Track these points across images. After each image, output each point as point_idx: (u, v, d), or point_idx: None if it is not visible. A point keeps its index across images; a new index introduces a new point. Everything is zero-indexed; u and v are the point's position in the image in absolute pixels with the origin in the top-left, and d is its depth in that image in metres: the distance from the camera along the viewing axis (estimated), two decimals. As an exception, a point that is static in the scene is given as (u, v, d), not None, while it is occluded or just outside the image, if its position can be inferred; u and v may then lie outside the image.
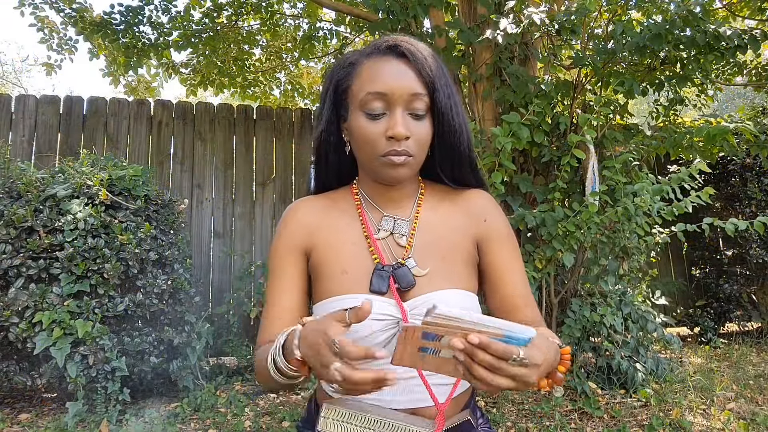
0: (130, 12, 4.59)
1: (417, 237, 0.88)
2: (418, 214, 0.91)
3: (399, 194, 0.91)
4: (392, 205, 0.91)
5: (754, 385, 2.88)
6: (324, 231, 0.89)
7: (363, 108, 0.84)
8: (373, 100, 0.83)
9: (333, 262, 0.86)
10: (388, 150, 0.82)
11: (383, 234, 0.88)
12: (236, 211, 3.96)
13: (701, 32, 2.65)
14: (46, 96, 3.73)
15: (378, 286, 0.82)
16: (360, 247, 0.87)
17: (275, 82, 6.11)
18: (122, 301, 2.47)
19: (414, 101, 0.83)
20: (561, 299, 3.17)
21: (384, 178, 0.86)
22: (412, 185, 0.93)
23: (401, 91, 0.82)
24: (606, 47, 3.00)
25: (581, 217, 2.75)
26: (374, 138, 0.83)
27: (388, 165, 0.83)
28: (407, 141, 0.82)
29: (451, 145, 0.89)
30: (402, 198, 0.92)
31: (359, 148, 0.87)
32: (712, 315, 4.18)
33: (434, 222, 0.90)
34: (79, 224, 2.43)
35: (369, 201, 0.92)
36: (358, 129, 0.85)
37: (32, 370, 2.43)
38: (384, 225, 0.89)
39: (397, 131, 0.81)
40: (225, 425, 2.37)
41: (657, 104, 3.69)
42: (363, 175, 0.94)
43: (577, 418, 2.42)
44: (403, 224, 0.89)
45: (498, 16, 2.83)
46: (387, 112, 0.83)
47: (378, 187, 0.91)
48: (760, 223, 2.70)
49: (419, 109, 0.84)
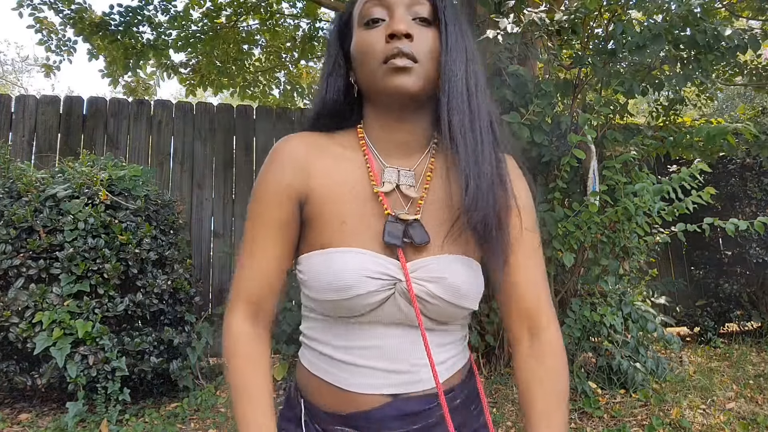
0: (130, 12, 4.59)
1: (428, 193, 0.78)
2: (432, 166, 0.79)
3: (409, 138, 0.79)
4: (399, 155, 0.79)
5: (754, 385, 2.88)
6: (322, 173, 0.77)
7: (362, 21, 0.76)
8: (371, 7, 0.76)
9: (331, 211, 0.75)
10: (389, 53, 0.72)
11: (388, 187, 0.76)
12: (236, 211, 3.95)
13: (701, 32, 2.65)
14: (46, 96, 3.73)
15: (392, 238, 0.72)
16: (364, 195, 0.76)
17: (275, 82, 6.11)
18: (122, 301, 2.47)
19: (416, 4, 0.75)
20: (561, 299, 3.17)
21: (387, 90, 0.73)
22: (423, 130, 0.79)
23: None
24: (606, 47, 3.00)
25: (581, 217, 2.76)
26: (373, 43, 0.74)
27: (391, 72, 0.72)
28: (411, 43, 0.72)
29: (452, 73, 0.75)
30: (411, 144, 0.79)
31: (361, 66, 0.76)
32: (712, 315, 4.18)
33: (446, 178, 0.78)
34: (79, 224, 2.43)
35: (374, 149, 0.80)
36: (357, 43, 0.76)
37: (32, 370, 2.43)
38: (387, 177, 0.77)
39: (396, 27, 0.72)
40: (225, 425, 2.37)
41: (657, 104, 3.70)
42: (369, 114, 0.81)
43: (577, 417, 2.42)
44: (408, 174, 0.77)
45: (498, 16, 2.83)
46: (387, 18, 0.75)
47: (385, 128, 0.79)
48: (760, 223, 2.71)
49: (422, 13, 0.75)
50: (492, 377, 2.98)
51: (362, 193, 0.76)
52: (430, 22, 0.75)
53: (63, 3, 4.58)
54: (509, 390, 2.77)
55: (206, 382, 2.92)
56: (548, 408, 0.73)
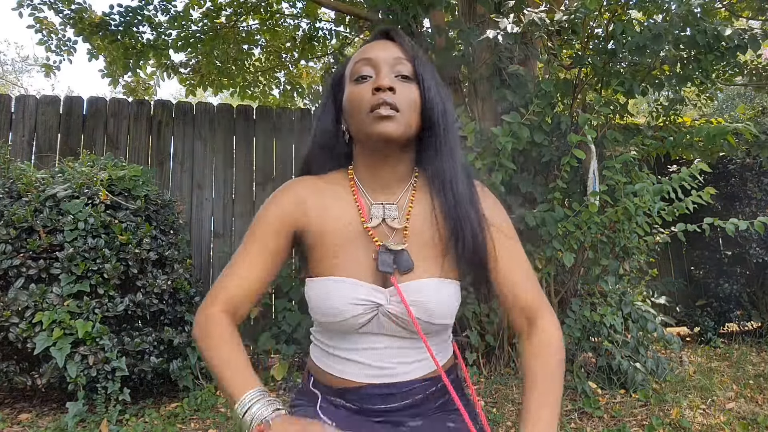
0: (130, 12, 4.59)
1: (411, 222, 0.90)
2: (413, 197, 0.92)
3: (392, 176, 0.92)
4: (384, 191, 0.92)
5: (754, 385, 2.88)
6: (320, 209, 0.90)
7: (353, 78, 0.89)
8: (360, 66, 0.88)
9: (328, 243, 0.88)
10: (374, 103, 0.84)
11: (375, 222, 0.89)
12: (236, 211, 3.95)
13: (701, 32, 2.65)
14: (46, 96, 3.73)
15: (385, 267, 0.85)
16: (355, 230, 0.89)
17: (275, 82, 6.11)
18: (122, 301, 2.47)
19: (398, 64, 0.88)
20: (561, 299, 3.18)
21: (373, 135, 0.85)
22: (405, 167, 0.92)
23: (386, 54, 0.88)
24: (606, 47, 3.00)
25: (581, 217, 2.76)
26: (361, 95, 0.86)
27: (376, 119, 0.84)
28: (394, 96, 0.84)
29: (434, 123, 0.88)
30: (394, 181, 0.92)
31: (351, 115, 0.89)
32: (712, 315, 4.18)
33: (427, 207, 0.91)
34: (79, 224, 2.43)
35: (362, 187, 0.93)
36: (349, 95, 0.89)
37: (32, 370, 2.43)
38: (374, 213, 0.89)
39: (381, 82, 0.84)
40: (225, 425, 2.37)
41: (657, 104, 3.69)
42: (358, 156, 0.94)
43: (577, 417, 2.42)
44: (392, 208, 0.90)
45: (498, 16, 2.83)
46: (374, 75, 0.87)
47: (371, 168, 0.91)
48: (760, 223, 2.71)
49: (404, 71, 0.88)
50: (492, 377, 2.98)
51: (354, 228, 0.89)
52: (411, 79, 0.88)
53: (63, 3, 4.58)
54: (509, 390, 2.77)
55: (206, 382, 2.92)
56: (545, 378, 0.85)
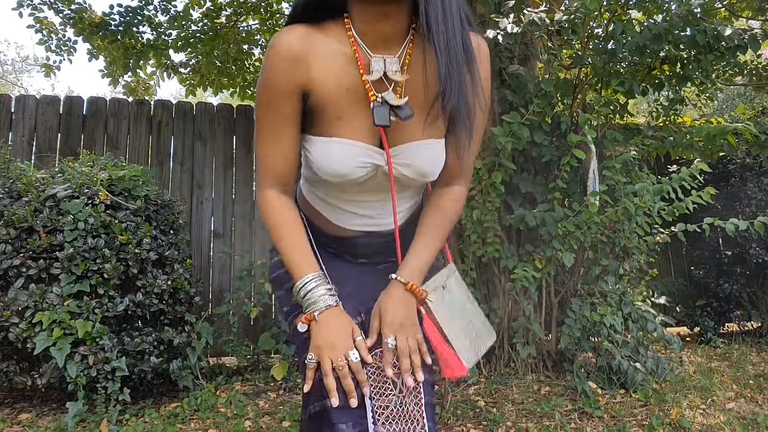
0: (130, 12, 4.59)
1: (409, 76, 0.89)
2: (411, 51, 0.89)
3: (391, 29, 0.88)
4: (382, 43, 0.89)
5: (754, 385, 2.88)
6: (321, 66, 0.87)
7: None
8: None
9: (330, 104, 0.88)
10: None
11: (376, 75, 0.87)
12: (236, 211, 3.95)
13: (701, 32, 2.65)
14: (46, 96, 3.73)
15: (381, 120, 0.85)
16: (356, 86, 0.88)
17: (275, 82, 6.09)
18: (122, 301, 2.47)
19: None
20: (561, 299, 3.18)
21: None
22: (403, 20, 0.88)
23: None
24: (606, 47, 3.00)
25: (581, 217, 2.76)
26: None
27: None
28: None
29: None
30: (393, 34, 0.88)
31: None
32: (712, 315, 4.18)
33: (422, 62, 0.88)
34: (79, 224, 2.43)
35: (360, 41, 0.89)
36: None
37: (32, 370, 2.43)
38: (375, 66, 0.87)
39: None
40: (225, 425, 2.37)
41: (657, 104, 3.69)
42: (354, 8, 0.89)
43: (577, 418, 2.42)
44: (393, 61, 0.88)
45: (498, 16, 2.83)
46: None
47: (369, 22, 0.87)
48: (760, 223, 2.71)
49: None
50: (492, 377, 2.98)
51: (354, 85, 0.88)
52: None
53: (63, 3, 4.58)
54: (509, 390, 2.77)
55: (206, 382, 2.92)
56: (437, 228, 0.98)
